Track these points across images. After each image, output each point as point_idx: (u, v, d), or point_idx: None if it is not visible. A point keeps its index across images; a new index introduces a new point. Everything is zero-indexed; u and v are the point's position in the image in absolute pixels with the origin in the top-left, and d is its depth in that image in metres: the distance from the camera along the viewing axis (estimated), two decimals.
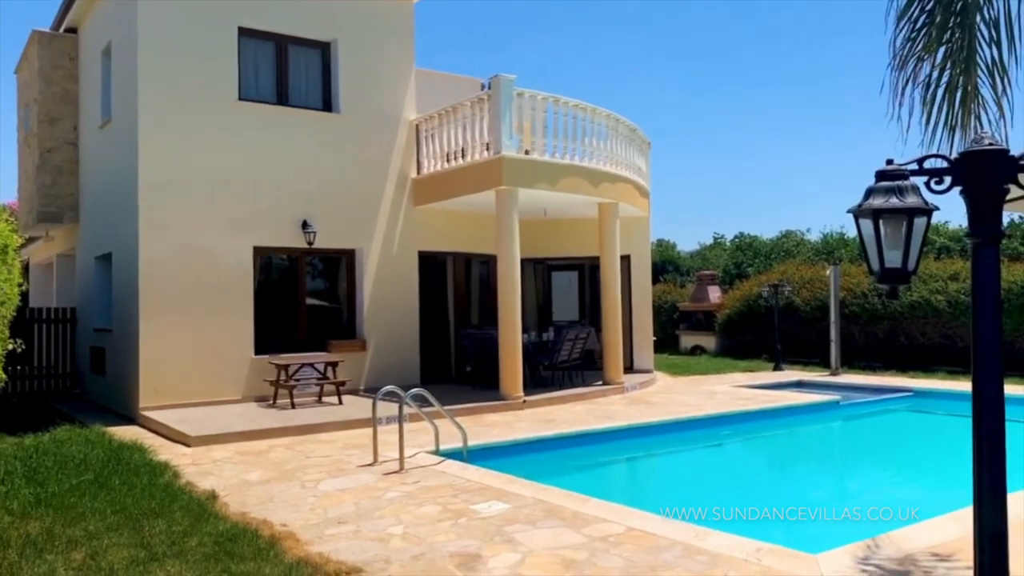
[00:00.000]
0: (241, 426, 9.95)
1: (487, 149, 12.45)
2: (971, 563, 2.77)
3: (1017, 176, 2.67)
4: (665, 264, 34.69)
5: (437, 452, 8.46)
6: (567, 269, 17.58)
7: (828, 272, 18.12)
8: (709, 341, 23.54)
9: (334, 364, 12.15)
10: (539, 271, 17.51)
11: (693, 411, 11.75)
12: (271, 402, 11.95)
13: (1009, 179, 2.65)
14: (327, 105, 13.61)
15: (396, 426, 7.96)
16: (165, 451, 8.98)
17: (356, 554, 5.19)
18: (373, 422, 8.31)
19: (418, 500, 6.59)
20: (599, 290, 14.66)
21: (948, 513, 5.68)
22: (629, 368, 16.22)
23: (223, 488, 7.13)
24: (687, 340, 24.32)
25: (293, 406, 11.47)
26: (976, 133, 4.45)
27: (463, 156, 13.03)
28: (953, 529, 5.31)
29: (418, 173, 14.23)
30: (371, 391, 12.46)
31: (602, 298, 14.42)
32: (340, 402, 11.84)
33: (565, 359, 13.83)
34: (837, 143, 60.49)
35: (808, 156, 61.60)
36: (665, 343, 24.09)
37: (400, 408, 8.00)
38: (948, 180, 2.68)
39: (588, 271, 17.27)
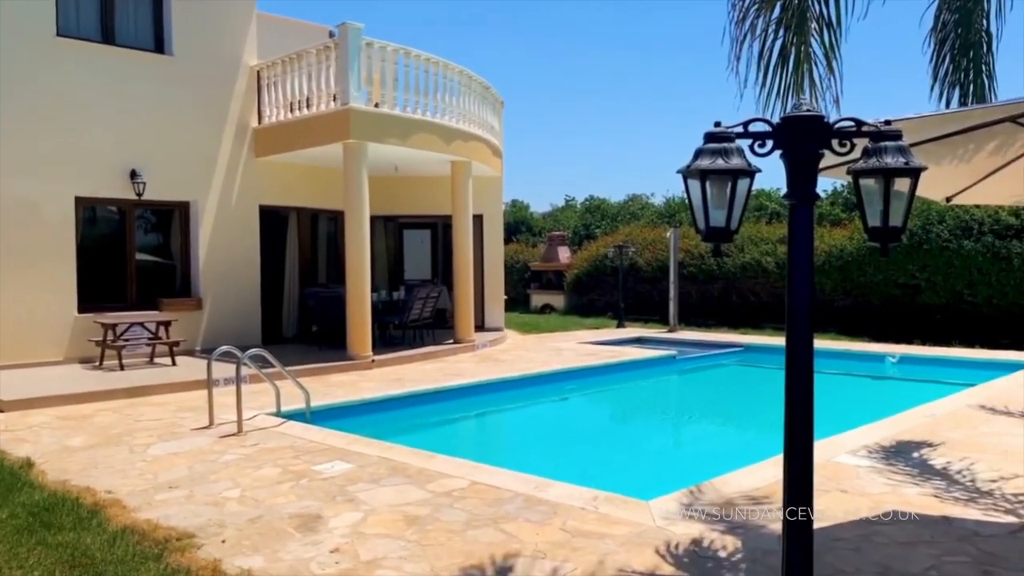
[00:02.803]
0: (62, 389, 9.27)
1: (334, 100, 12.00)
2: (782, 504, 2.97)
3: (831, 142, 2.82)
4: (519, 224, 35.12)
5: (278, 414, 8.19)
6: (420, 227, 17.39)
7: (669, 234, 18.92)
8: (558, 300, 24.14)
9: (167, 323, 11.49)
10: (391, 229, 17.23)
11: (540, 367, 12.03)
12: (97, 363, 11.17)
13: (824, 144, 2.80)
14: (159, 46, 12.63)
15: (234, 388, 7.62)
16: None
17: (188, 519, 4.96)
18: (208, 383, 7.93)
19: (257, 462, 6.37)
20: (452, 249, 14.61)
21: (767, 459, 6.11)
22: (480, 326, 16.36)
23: (40, 455, 6.61)
24: (538, 299, 24.82)
25: (122, 368, 10.77)
26: (811, 92, 4.65)
27: (308, 106, 12.50)
28: (770, 473, 5.71)
29: (259, 123, 13.54)
30: (208, 352, 11.87)
31: (454, 257, 14.39)
32: (174, 363, 11.23)
33: (416, 318, 13.75)
34: (682, 111, 63.15)
35: (655, 123, 64.02)
36: (517, 302, 24.49)
37: (237, 368, 7.67)
38: (770, 144, 2.79)
39: (441, 230, 17.16)
